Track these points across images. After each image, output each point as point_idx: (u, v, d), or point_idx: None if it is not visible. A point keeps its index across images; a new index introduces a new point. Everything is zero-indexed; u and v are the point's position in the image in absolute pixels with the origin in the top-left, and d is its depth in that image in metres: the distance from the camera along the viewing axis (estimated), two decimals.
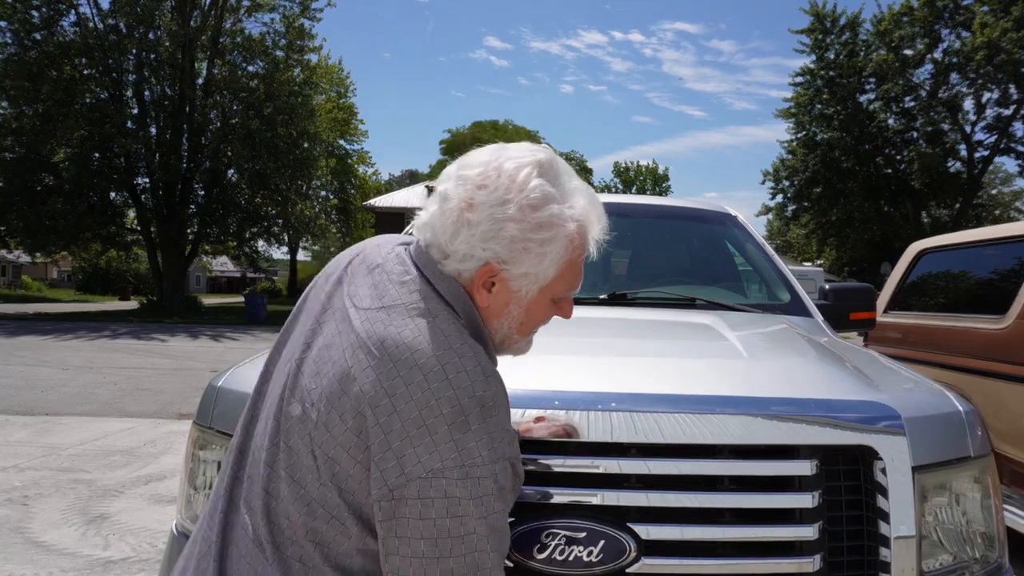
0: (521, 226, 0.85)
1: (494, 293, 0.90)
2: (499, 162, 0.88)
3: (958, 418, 1.30)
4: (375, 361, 0.80)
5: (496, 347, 0.96)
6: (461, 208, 0.86)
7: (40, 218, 19.97)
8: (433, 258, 0.91)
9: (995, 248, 3.67)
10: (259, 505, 0.85)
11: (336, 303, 0.90)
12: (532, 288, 0.90)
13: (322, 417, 0.81)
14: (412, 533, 0.76)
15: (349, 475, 0.79)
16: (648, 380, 1.24)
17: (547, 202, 0.87)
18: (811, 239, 32.02)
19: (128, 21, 20.72)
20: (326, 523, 0.80)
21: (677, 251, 2.75)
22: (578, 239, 0.91)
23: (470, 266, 0.87)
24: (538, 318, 0.96)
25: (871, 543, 1.15)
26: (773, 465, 1.12)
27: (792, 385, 1.27)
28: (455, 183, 0.88)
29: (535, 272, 0.88)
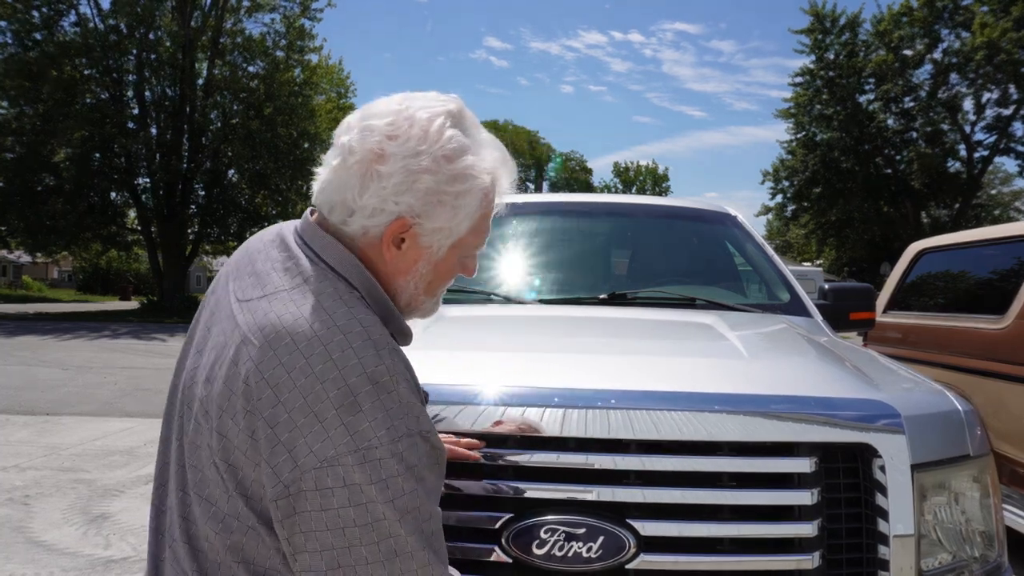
0: (436, 178, 0.81)
1: (403, 250, 0.84)
2: (410, 112, 0.83)
3: (957, 417, 1.30)
4: (256, 351, 0.75)
5: (402, 310, 0.91)
6: (370, 160, 0.80)
7: (41, 218, 19.98)
8: (329, 222, 0.85)
9: (995, 248, 3.67)
10: (180, 535, 0.81)
11: (223, 303, 0.85)
12: (444, 244, 0.86)
13: (215, 424, 0.76)
14: (316, 526, 0.71)
15: (252, 480, 0.74)
16: (648, 378, 1.25)
17: (462, 153, 0.83)
18: (811, 239, 32.02)
19: (128, 21, 20.73)
20: (243, 536, 0.76)
21: (677, 251, 2.75)
22: (491, 192, 0.87)
23: (380, 221, 0.82)
24: (446, 276, 0.91)
25: (870, 541, 1.16)
26: (772, 462, 1.13)
27: (791, 383, 1.28)
28: (360, 134, 0.82)
29: (449, 227, 0.84)
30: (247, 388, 0.74)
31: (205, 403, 0.78)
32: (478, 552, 1.08)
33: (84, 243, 24.17)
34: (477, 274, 2.40)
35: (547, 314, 2.00)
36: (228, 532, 0.76)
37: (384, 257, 0.85)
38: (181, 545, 0.81)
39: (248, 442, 0.74)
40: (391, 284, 0.87)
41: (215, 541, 0.77)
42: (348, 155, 0.82)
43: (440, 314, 1.85)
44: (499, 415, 1.15)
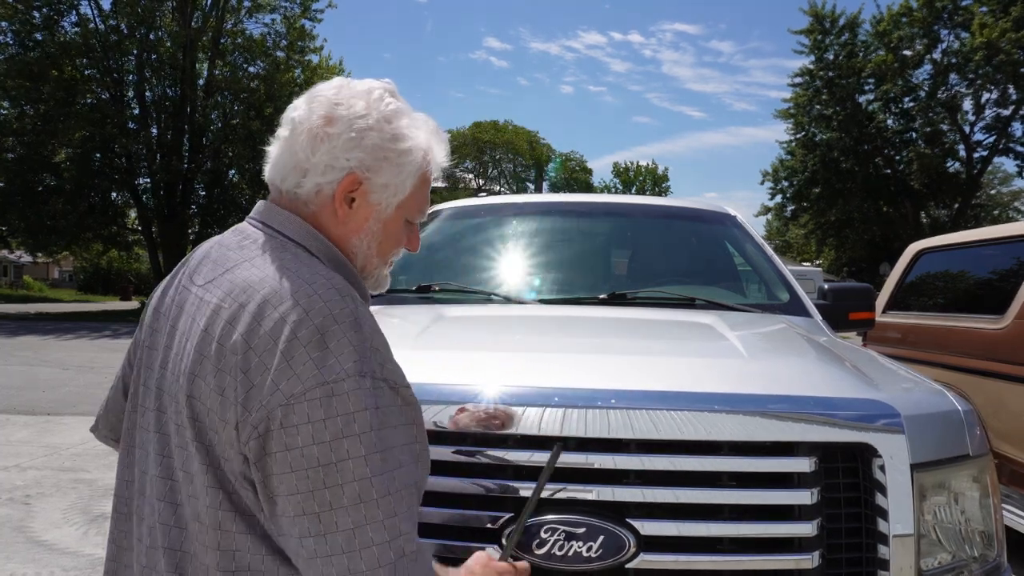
0: (381, 135, 0.87)
1: (354, 209, 0.89)
2: (351, 85, 0.91)
3: (957, 417, 1.30)
4: (227, 313, 0.77)
5: (360, 273, 0.94)
6: (319, 124, 0.86)
7: (41, 218, 19.98)
8: (283, 192, 0.90)
9: (994, 248, 3.68)
10: (163, 564, 0.79)
11: (182, 298, 0.87)
12: (392, 201, 0.91)
13: (186, 400, 0.77)
14: (283, 468, 0.70)
15: (223, 442, 0.74)
16: (648, 378, 1.25)
17: (401, 115, 0.91)
18: (810, 239, 32.01)
19: (129, 21, 20.74)
20: (229, 529, 0.75)
21: (676, 251, 2.75)
22: (430, 155, 0.94)
23: (332, 178, 0.87)
24: (395, 239, 0.95)
25: (870, 541, 1.16)
26: (772, 462, 1.13)
27: (791, 383, 1.28)
28: (307, 106, 0.89)
29: (395, 183, 0.90)
30: (219, 348, 0.75)
31: (175, 389, 0.80)
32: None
33: (85, 243, 24.18)
34: (477, 274, 2.41)
35: (547, 314, 2.00)
36: (215, 529, 0.75)
37: (337, 216, 0.89)
38: (163, 556, 0.79)
39: (218, 400, 0.74)
40: (346, 245, 0.91)
41: (204, 544, 0.76)
42: (298, 124, 0.88)
43: (440, 314, 1.86)
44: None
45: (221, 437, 0.74)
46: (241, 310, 0.77)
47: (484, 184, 45.94)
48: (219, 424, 0.74)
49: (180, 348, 0.81)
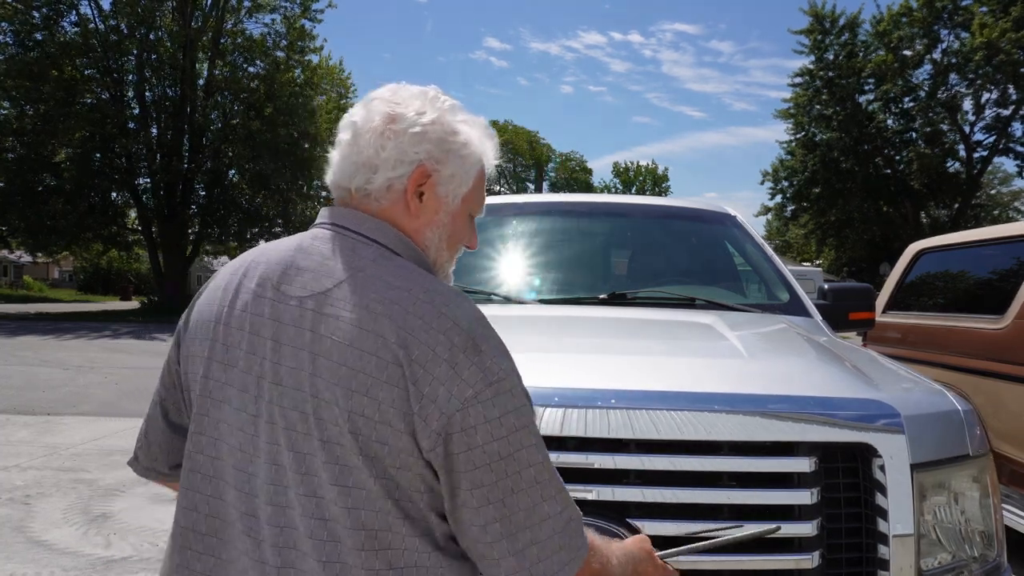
0: (443, 129, 0.90)
1: (424, 202, 0.91)
2: (405, 88, 0.94)
3: (957, 417, 1.30)
4: (372, 327, 0.78)
5: (430, 269, 0.95)
6: (383, 123, 0.88)
7: (41, 218, 19.98)
8: (352, 192, 0.90)
9: (994, 248, 3.68)
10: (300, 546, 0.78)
11: (284, 312, 0.83)
12: (458, 193, 0.93)
13: (341, 414, 0.77)
14: (466, 466, 0.76)
15: (397, 450, 0.77)
16: (648, 378, 1.25)
17: (457, 111, 0.94)
18: (810, 239, 32.01)
19: (129, 21, 20.74)
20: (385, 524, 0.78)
21: (677, 251, 2.75)
22: (487, 148, 0.97)
23: (402, 172, 0.89)
24: (461, 233, 0.97)
25: (870, 540, 1.16)
26: (772, 462, 1.13)
27: (791, 383, 1.28)
28: (365, 110, 0.91)
29: (460, 174, 0.92)
30: (380, 362, 0.77)
31: (310, 405, 0.78)
32: None
33: (85, 243, 24.17)
34: (477, 274, 2.40)
35: (547, 314, 2.00)
36: (386, 531, 0.77)
37: (410, 210, 0.90)
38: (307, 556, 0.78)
39: (389, 412, 0.76)
40: (420, 239, 0.93)
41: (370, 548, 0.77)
42: (361, 126, 0.90)
43: None
44: None
45: (394, 447, 0.77)
46: (389, 323, 0.78)
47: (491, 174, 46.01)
48: (390, 434, 0.76)
49: (303, 362, 0.79)
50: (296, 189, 23.73)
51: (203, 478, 0.85)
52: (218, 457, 0.84)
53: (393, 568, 0.77)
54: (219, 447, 0.84)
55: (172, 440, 0.96)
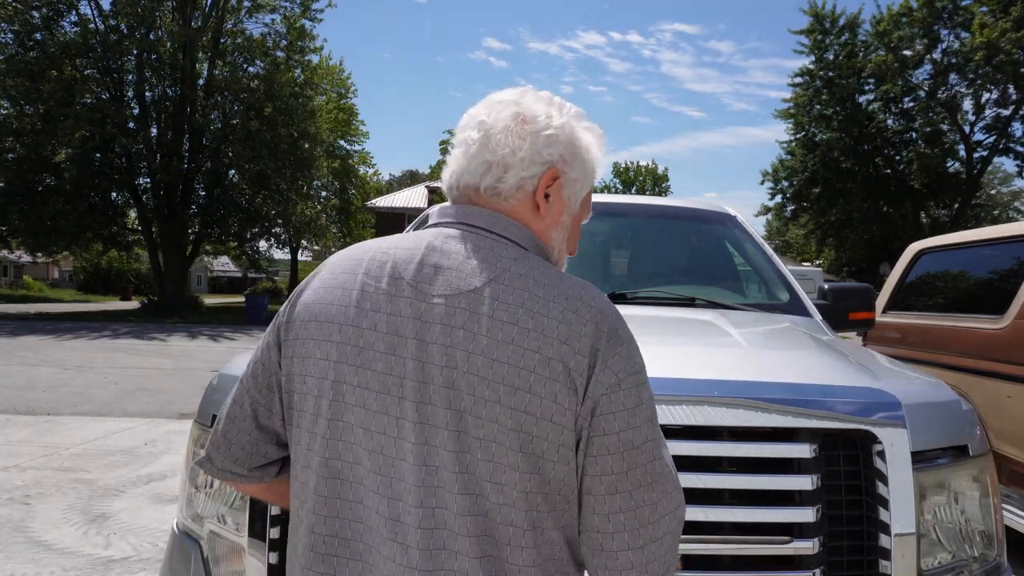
0: (572, 133, 0.92)
1: (550, 203, 0.92)
2: (527, 92, 0.95)
3: (956, 407, 1.31)
4: (531, 325, 0.79)
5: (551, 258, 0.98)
6: (516, 122, 0.89)
7: (41, 218, 19.96)
8: (481, 191, 0.90)
9: (994, 248, 3.67)
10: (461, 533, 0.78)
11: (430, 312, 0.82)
12: (579, 196, 0.95)
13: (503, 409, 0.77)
14: (599, 451, 0.78)
15: (555, 445, 0.78)
16: (649, 365, 1.25)
17: (580, 117, 0.95)
18: (810, 239, 32.01)
19: (129, 22, 20.73)
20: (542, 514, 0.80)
21: (677, 251, 2.75)
22: (602, 153, 0.99)
23: (534, 172, 0.89)
24: (575, 236, 1.00)
25: (870, 529, 1.16)
26: (772, 448, 1.13)
27: (792, 371, 1.28)
28: (491, 111, 0.91)
29: (582, 178, 0.94)
30: (543, 359, 0.78)
31: (467, 404, 0.78)
32: None
33: (85, 243, 24.16)
34: None
35: None
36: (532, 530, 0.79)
37: (539, 210, 0.92)
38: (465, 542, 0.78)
39: (551, 408, 0.78)
40: (547, 238, 0.94)
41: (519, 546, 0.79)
42: (492, 126, 0.90)
43: None
44: None
45: (554, 442, 0.78)
46: (548, 321, 0.80)
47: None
48: (551, 430, 0.78)
49: (457, 361, 0.78)
50: (296, 189, 23.72)
51: (343, 483, 0.83)
52: (357, 462, 0.83)
53: (536, 564, 0.80)
54: (357, 452, 0.82)
55: (258, 442, 0.93)
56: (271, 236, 25.59)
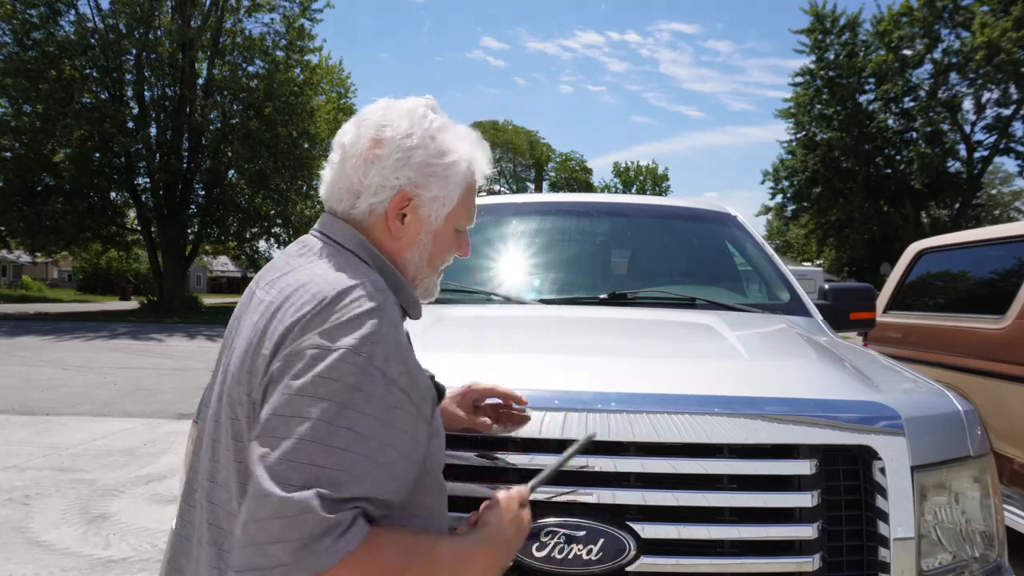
0: (427, 152, 0.94)
1: (406, 224, 0.95)
2: (395, 105, 0.97)
3: (957, 418, 1.30)
4: (274, 307, 0.85)
5: (410, 283, 1.00)
6: (369, 148, 0.93)
7: (40, 218, 19.96)
8: (336, 210, 0.96)
9: (995, 248, 3.67)
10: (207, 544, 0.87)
11: (249, 303, 0.94)
12: (441, 213, 0.97)
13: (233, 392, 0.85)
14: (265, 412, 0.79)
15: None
16: (649, 380, 1.24)
17: (444, 130, 0.97)
18: (811, 239, 32.02)
19: (128, 21, 20.71)
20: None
21: (677, 251, 2.75)
22: (474, 165, 1.00)
23: (384, 197, 0.93)
24: (444, 248, 1.01)
25: (870, 543, 1.16)
26: (772, 464, 1.13)
27: (791, 385, 1.27)
28: (355, 131, 0.95)
29: (443, 196, 0.96)
30: (261, 335, 0.84)
31: (232, 388, 0.86)
32: None
33: (84, 243, 24.16)
34: (478, 274, 2.40)
35: (547, 314, 2.00)
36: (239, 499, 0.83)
37: (391, 231, 0.95)
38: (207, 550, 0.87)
39: (246, 379, 0.83)
40: (400, 258, 0.97)
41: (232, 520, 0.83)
42: (347, 150, 0.95)
43: (440, 314, 1.85)
44: None
45: (246, 411, 0.82)
46: (285, 301, 0.85)
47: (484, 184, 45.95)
48: (247, 402, 0.82)
49: (237, 346, 0.89)
50: (295, 189, 23.71)
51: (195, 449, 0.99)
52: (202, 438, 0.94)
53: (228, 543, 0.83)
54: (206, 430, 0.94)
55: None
56: (271, 236, 25.57)
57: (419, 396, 0.84)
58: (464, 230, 1.04)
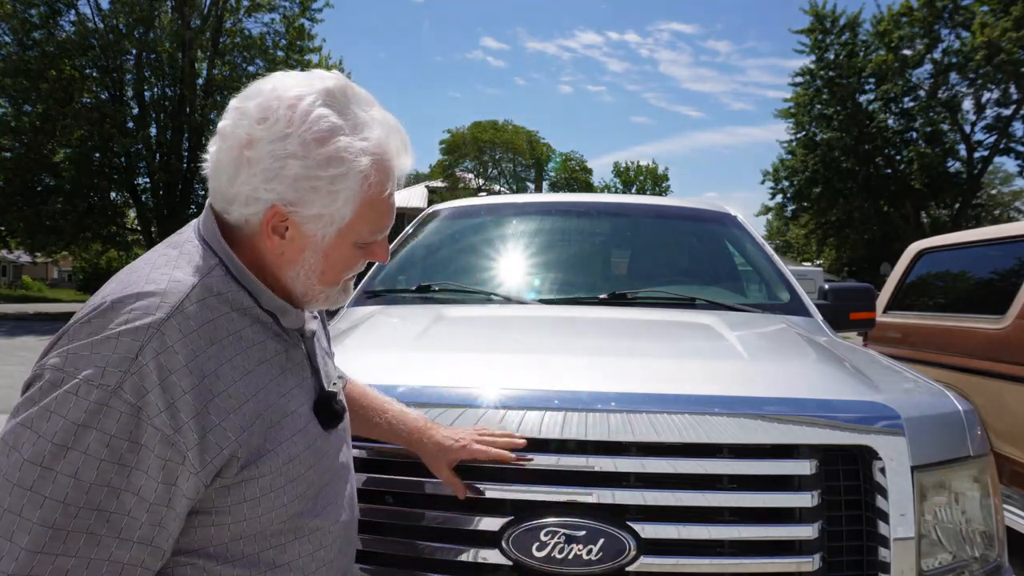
0: (305, 163, 0.77)
1: (288, 239, 0.81)
2: (280, 91, 0.80)
3: (957, 418, 1.30)
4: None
5: (301, 300, 0.87)
6: (240, 146, 0.78)
7: (40, 218, 19.96)
8: (214, 208, 0.83)
9: (995, 248, 3.67)
10: None
11: None
12: (329, 231, 0.81)
13: None
14: None
15: None
16: (649, 380, 1.24)
17: (334, 135, 0.78)
18: (811, 239, 32.02)
19: (128, 21, 20.72)
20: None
21: (677, 251, 2.75)
22: (375, 175, 0.81)
23: (255, 210, 0.79)
24: (342, 265, 0.86)
25: (870, 543, 1.16)
26: (773, 464, 1.13)
27: (792, 385, 1.28)
28: (234, 118, 0.81)
29: (328, 213, 0.80)
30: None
31: None
32: (479, 555, 1.08)
33: (84, 243, 24.17)
34: (478, 274, 2.40)
35: (547, 314, 2.00)
36: None
37: (268, 247, 0.82)
38: None
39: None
40: (282, 274, 0.84)
41: None
42: (223, 140, 0.81)
43: (440, 314, 1.85)
44: (499, 418, 1.15)
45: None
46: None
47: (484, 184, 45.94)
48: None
49: None
50: None
51: None
52: None
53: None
54: None
55: None
56: None
57: (189, 442, 0.69)
58: (374, 239, 0.87)
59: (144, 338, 0.68)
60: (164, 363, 0.69)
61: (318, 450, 0.85)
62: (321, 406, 0.87)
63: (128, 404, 0.66)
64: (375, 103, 0.85)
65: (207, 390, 0.72)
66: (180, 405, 0.69)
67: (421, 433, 1.10)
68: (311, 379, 0.89)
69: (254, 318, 0.81)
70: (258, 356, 0.80)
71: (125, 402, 0.66)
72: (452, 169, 41.86)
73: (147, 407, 0.67)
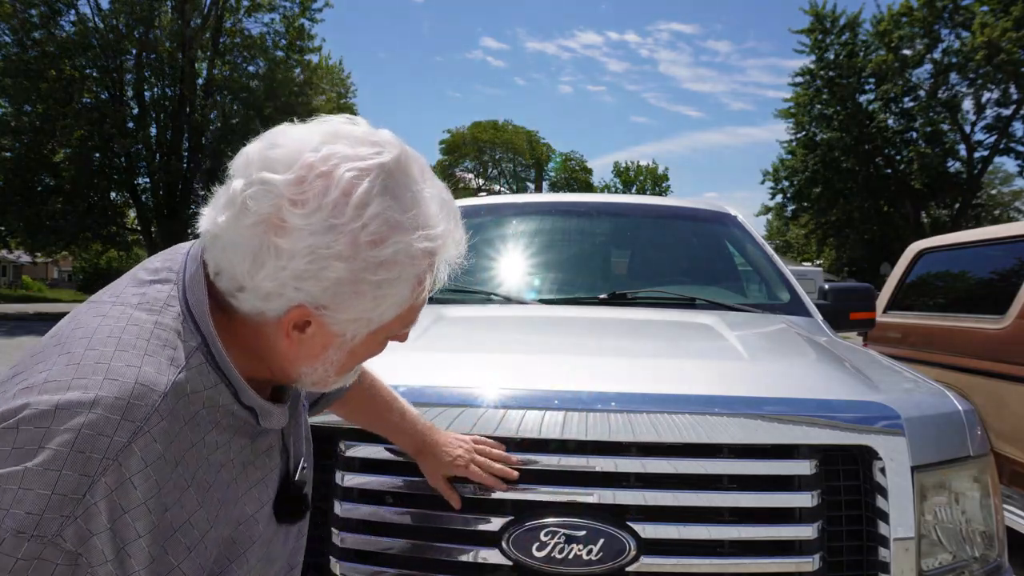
0: (353, 266, 0.61)
1: (308, 335, 0.66)
2: (327, 165, 0.61)
3: (957, 418, 1.30)
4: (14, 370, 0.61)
5: (306, 386, 0.75)
6: (267, 229, 0.60)
7: (40, 218, 19.97)
8: (216, 286, 0.66)
9: (995, 248, 3.67)
10: None
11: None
12: (361, 332, 0.67)
13: None
14: None
15: None
16: (649, 380, 1.25)
17: (392, 233, 0.62)
18: (811, 239, 32.03)
19: (128, 21, 20.73)
20: None
21: (677, 251, 2.75)
22: (429, 277, 0.69)
23: (276, 306, 0.63)
24: (365, 356, 0.74)
25: (870, 543, 1.16)
26: (772, 464, 1.13)
27: (792, 385, 1.28)
28: (257, 190, 0.61)
29: (368, 317, 0.66)
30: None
31: None
32: (479, 555, 1.08)
33: (84, 243, 24.17)
34: (478, 274, 2.40)
35: (547, 314, 2.00)
36: None
37: (283, 344, 0.67)
38: None
39: None
40: (293, 368, 0.70)
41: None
42: (241, 213, 0.61)
43: (440, 314, 1.85)
44: (499, 418, 1.15)
45: None
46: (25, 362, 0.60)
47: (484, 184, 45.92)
48: None
49: None
50: None
51: None
52: None
53: None
54: None
55: None
56: None
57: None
58: (405, 332, 0.75)
59: (96, 471, 0.53)
60: (118, 502, 0.54)
61: (269, 554, 0.75)
62: (284, 502, 0.77)
63: (66, 553, 0.52)
64: (428, 170, 0.71)
65: (167, 526, 0.58)
66: (132, 551, 0.55)
67: (422, 443, 1.10)
68: (280, 465, 0.77)
69: (226, 412, 0.66)
70: (220, 460, 0.66)
71: (62, 551, 0.52)
72: (452, 169, 41.89)
73: (90, 554, 0.53)
